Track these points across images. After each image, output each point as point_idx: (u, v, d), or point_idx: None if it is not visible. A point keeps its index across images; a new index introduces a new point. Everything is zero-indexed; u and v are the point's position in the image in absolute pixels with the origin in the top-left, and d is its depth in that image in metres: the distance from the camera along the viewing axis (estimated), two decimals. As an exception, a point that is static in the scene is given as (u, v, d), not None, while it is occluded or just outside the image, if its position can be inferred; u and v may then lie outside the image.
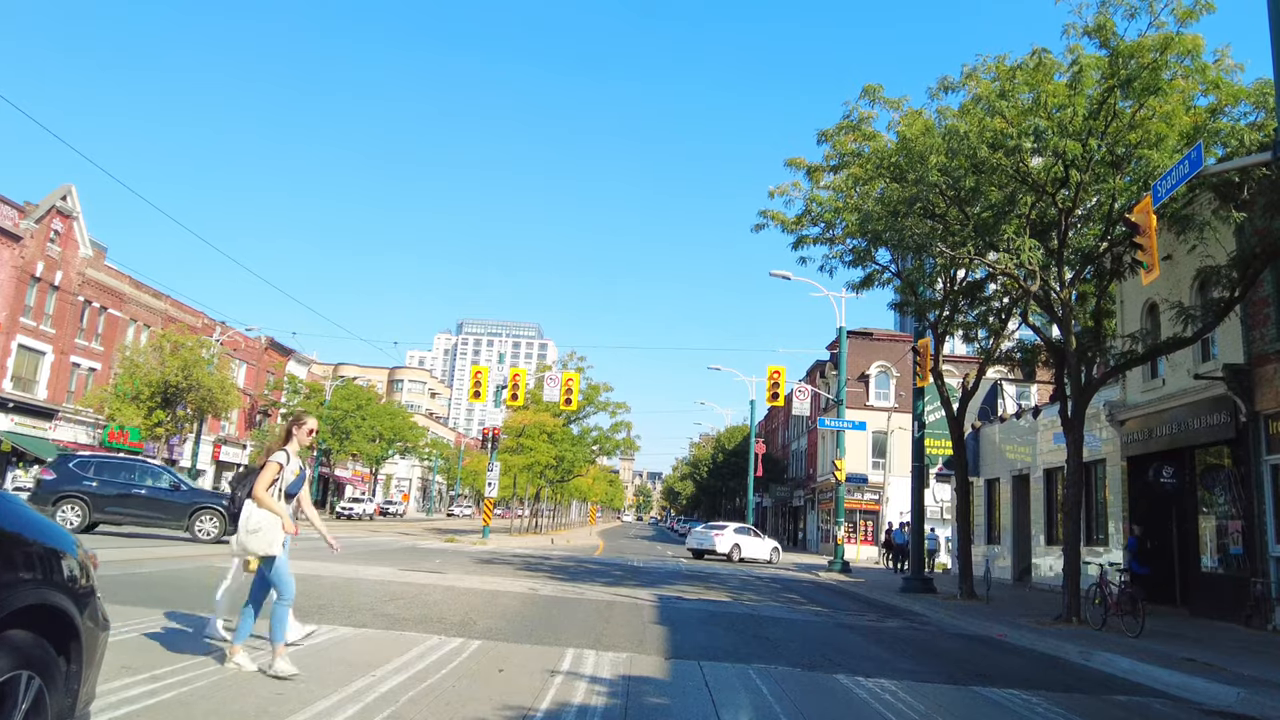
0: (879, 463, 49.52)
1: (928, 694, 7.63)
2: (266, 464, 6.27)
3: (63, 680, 3.10)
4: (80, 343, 42.16)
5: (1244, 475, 15.52)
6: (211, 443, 52.32)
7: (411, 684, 6.23)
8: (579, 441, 46.92)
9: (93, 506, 18.82)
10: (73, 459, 20.32)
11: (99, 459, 20.99)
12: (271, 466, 6.25)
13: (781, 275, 29.30)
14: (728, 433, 78.70)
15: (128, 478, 19.69)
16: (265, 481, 6.21)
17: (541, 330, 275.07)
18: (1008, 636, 13.18)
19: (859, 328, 49.79)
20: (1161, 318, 17.77)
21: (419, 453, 74.49)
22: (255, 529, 6.09)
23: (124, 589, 9.75)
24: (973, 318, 21.21)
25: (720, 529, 36.20)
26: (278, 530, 6.13)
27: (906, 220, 16.34)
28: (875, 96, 17.30)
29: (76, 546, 3.34)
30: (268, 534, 6.09)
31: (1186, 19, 12.70)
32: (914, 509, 22.83)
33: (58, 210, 39.74)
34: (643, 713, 6.07)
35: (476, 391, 32.54)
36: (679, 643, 9.65)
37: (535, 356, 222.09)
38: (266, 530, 6.09)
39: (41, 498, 18.55)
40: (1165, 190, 11.47)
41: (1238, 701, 8.22)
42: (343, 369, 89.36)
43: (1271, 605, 14.49)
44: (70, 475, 19.07)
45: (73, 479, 18.98)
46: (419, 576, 15.41)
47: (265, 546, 6.08)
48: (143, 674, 5.70)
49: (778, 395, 31.02)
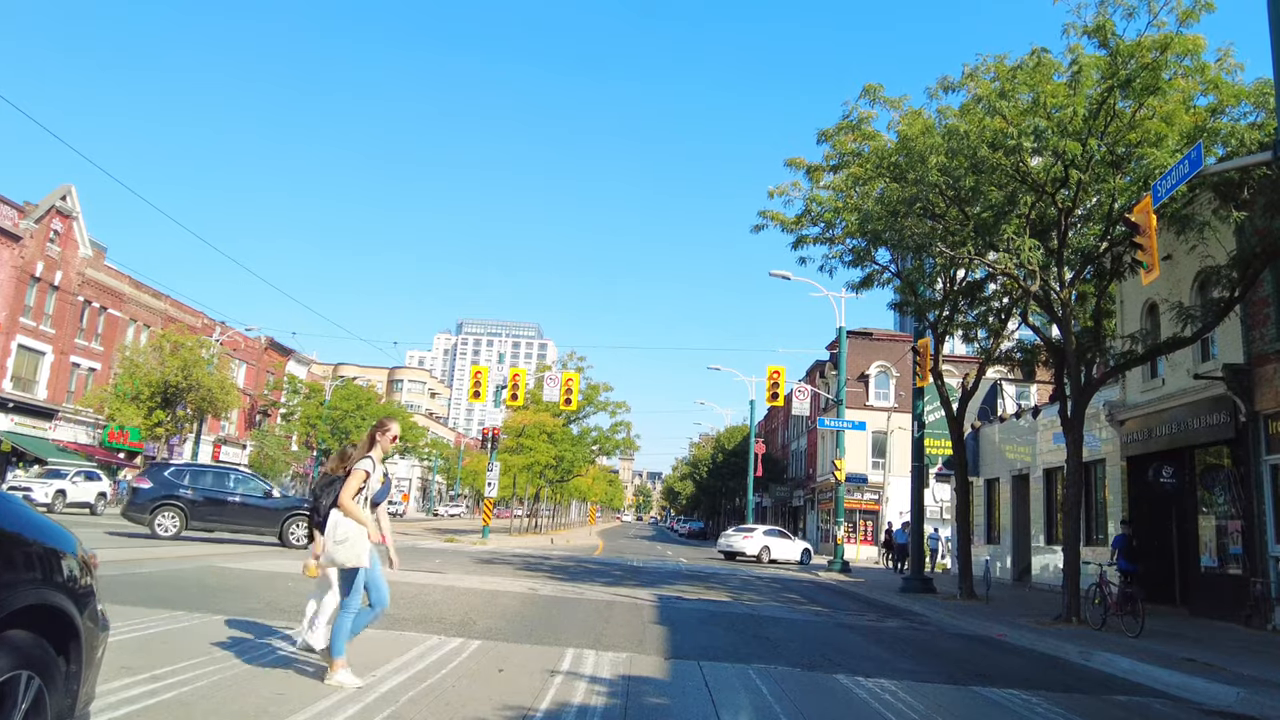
0: (879, 463, 49.52)
1: (927, 694, 7.63)
2: (352, 471, 5.99)
3: (62, 680, 3.10)
4: (80, 343, 42.15)
5: (1243, 475, 15.52)
6: (211, 443, 52.30)
7: (411, 684, 6.23)
8: (579, 441, 46.93)
9: (189, 514, 19.36)
10: (167, 467, 20.89)
11: (193, 467, 21.67)
12: (358, 474, 5.97)
13: (781, 275, 29.30)
14: (727, 433, 78.65)
15: (221, 485, 20.33)
16: (351, 490, 5.93)
17: (541, 330, 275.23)
18: (1007, 636, 13.18)
19: (859, 328, 49.80)
20: (1161, 318, 17.77)
21: (419, 453, 74.48)
22: (342, 540, 5.84)
23: (124, 589, 9.75)
24: (972, 318, 21.21)
25: (749, 531, 36.62)
26: (364, 540, 5.88)
27: (906, 220, 16.34)
28: (875, 96, 17.29)
29: (76, 546, 3.34)
30: (355, 545, 5.84)
31: (1186, 19, 12.69)
32: (914, 509, 22.83)
33: (57, 210, 39.74)
34: (642, 713, 6.08)
35: (476, 391, 32.55)
36: (679, 643, 9.65)
37: (535, 356, 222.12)
38: (354, 541, 5.84)
39: (140, 506, 19.11)
40: (1165, 190, 11.47)
41: (1237, 701, 8.22)
42: (342, 369, 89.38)
43: (1271, 605, 14.49)
44: (167, 483, 19.57)
45: (170, 487, 19.49)
46: (419, 576, 15.41)
47: (353, 558, 5.84)
48: (142, 674, 5.70)
49: (777, 395, 31.03)
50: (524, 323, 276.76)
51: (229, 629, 7.95)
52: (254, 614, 9.03)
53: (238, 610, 9.17)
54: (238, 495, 20.22)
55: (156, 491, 19.32)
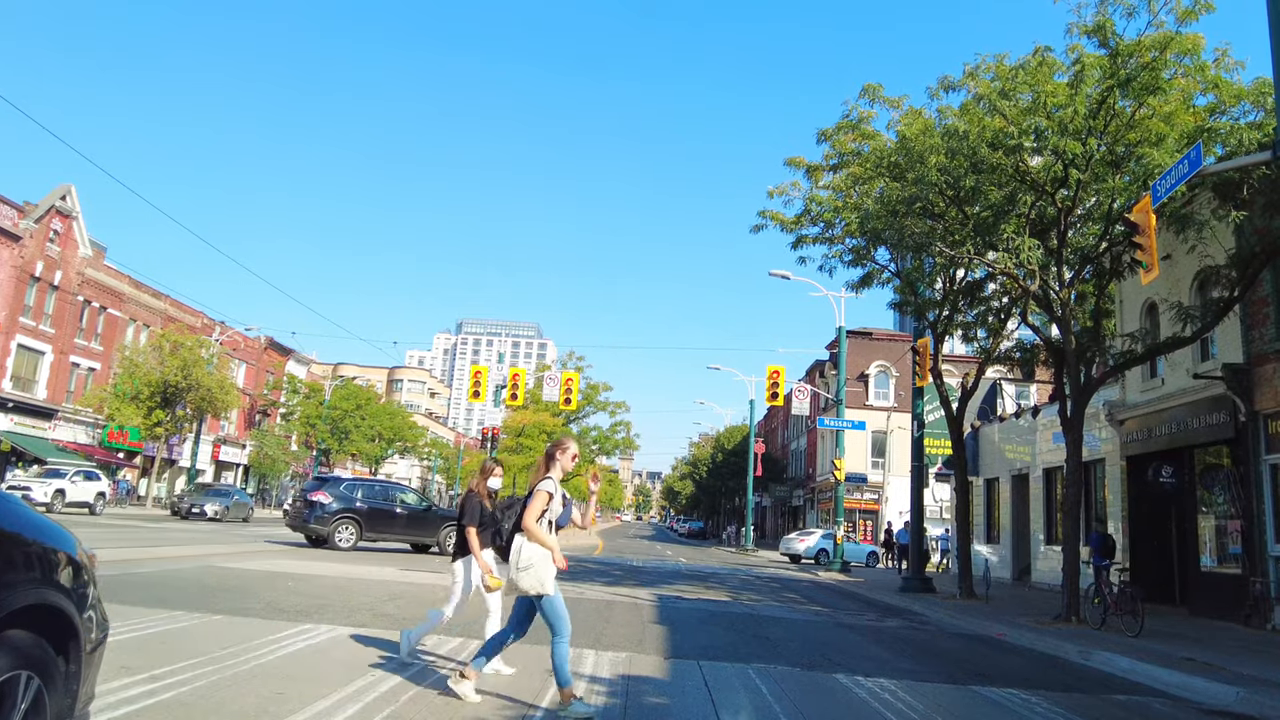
0: (878, 462, 49.53)
1: (927, 693, 7.63)
2: (535, 493, 5.72)
3: (62, 680, 3.09)
4: (80, 342, 42.13)
5: (1243, 475, 15.52)
6: (211, 443, 52.29)
7: (411, 683, 6.23)
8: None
9: (365, 525, 20.98)
10: (342, 482, 22.42)
11: (362, 482, 23.37)
12: (541, 496, 5.68)
13: (781, 275, 29.30)
14: (727, 432, 78.64)
15: (387, 498, 22.15)
16: (535, 512, 5.64)
17: (541, 330, 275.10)
18: (1007, 636, 13.18)
19: (858, 327, 49.79)
20: (1161, 317, 17.77)
21: (418, 452, 74.54)
22: (527, 566, 5.56)
23: (123, 589, 9.74)
24: (972, 317, 21.21)
25: (808, 534, 39.08)
26: (549, 566, 5.61)
27: (906, 220, 16.33)
28: (875, 96, 17.29)
29: (76, 546, 3.34)
30: (540, 570, 5.57)
31: (1186, 19, 12.69)
32: (913, 508, 22.83)
33: (57, 210, 39.72)
34: (642, 712, 6.08)
35: (476, 391, 32.54)
36: (678, 642, 9.65)
37: (535, 356, 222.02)
38: (539, 567, 5.57)
39: (322, 519, 20.57)
40: (1165, 189, 11.46)
41: (1237, 701, 8.22)
42: (342, 369, 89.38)
43: (1271, 604, 14.49)
44: (344, 497, 21.20)
45: (348, 501, 21.13)
46: (419, 576, 15.40)
47: (538, 585, 5.58)
48: (141, 674, 5.70)
49: (777, 395, 31.02)
50: (523, 322, 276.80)
51: (228, 629, 7.95)
52: (253, 614, 9.03)
53: (237, 610, 9.17)
54: (401, 507, 22.02)
55: (336, 506, 20.81)
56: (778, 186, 19.54)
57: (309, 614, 9.36)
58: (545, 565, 5.59)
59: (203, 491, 36.90)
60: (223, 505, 34.42)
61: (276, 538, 22.83)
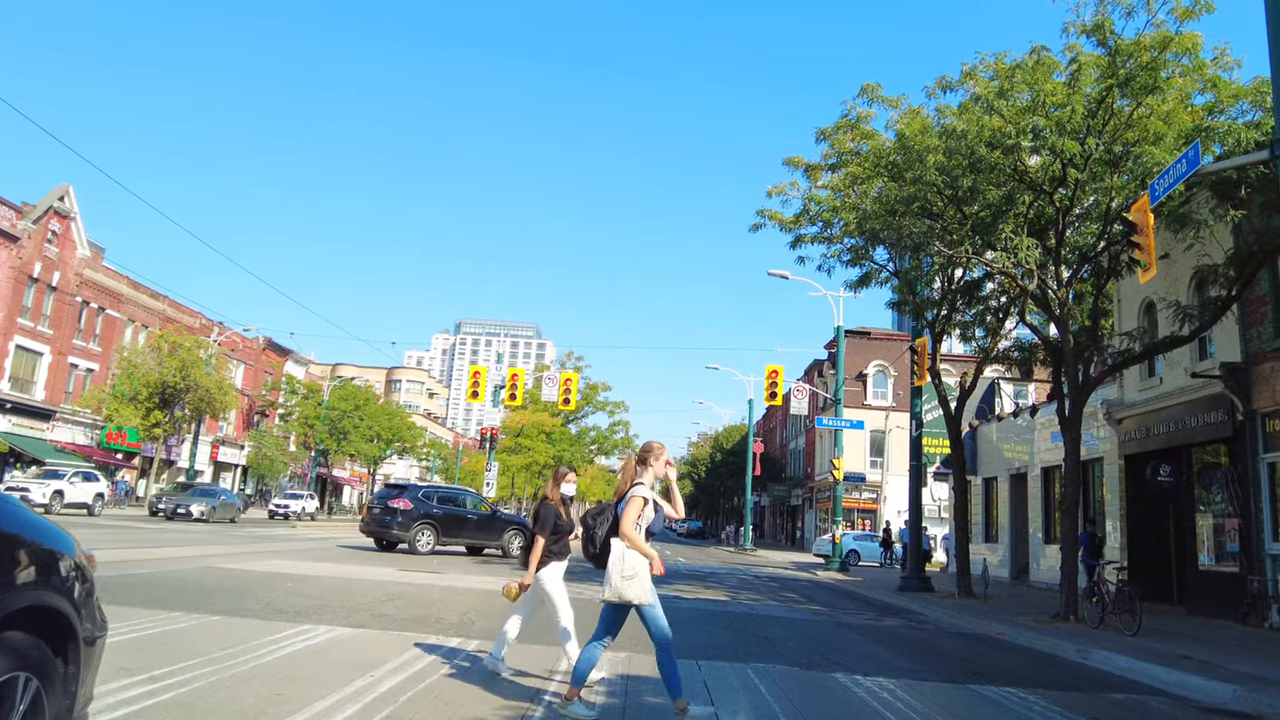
0: (877, 461, 49.56)
1: (926, 692, 7.63)
2: (630, 499, 5.61)
3: (60, 682, 3.09)
4: (78, 343, 42.09)
5: (1241, 473, 15.54)
6: (209, 443, 52.23)
7: (410, 684, 6.23)
8: (577, 441, 46.99)
9: (441, 530, 22.26)
10: (419, 489, 23.65)
11: (436, 490, 24.55)
12: (636, 502, 5.59)
13: (779, 274, 29.31)
14: (726, 432, 78.68)
15: (457, 504, 23.43)
16: (632, 519, 5.54)
17: (540, 330, 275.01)
18: (1005, 635, 13.19)
19: (857, 327, 49.81)
20: (1159, 316, 17.79)
21: (417, 453, 74.40)
22: (631, 575, 5.47)
23: (122, 590, 9.73)
24: (970, 317, 21.21)
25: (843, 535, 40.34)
26: (648, 573, 5.53)
27: (904, 219, 16.33)
28: (874, 95, 17.29)
29: (74, 547, 3.33)
30: (643, 579, 5.48)
31: (1185, 18, 12.70)
32: (912, 508, 22.83)
33: (55, 210, 39.67)
34: (641, 712, 6.08)
35: (474, 391, 32.53)
36: (677, 642, 9.56)
37: (533, 356, 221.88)
38: (642, 576, 5.48)
39: (404, 525, 21.71)
40: (1163, 189, 11.47)
41: (1234, 699, 8.23)
42: (341, 369, 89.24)
43: (1268, 603, 14.51)
44: (422, 504, 22.38)
45: (425, 507, 22.31)
46: (417, 576, 15.40)
47: (643, 594, 5.52)
48: (140, 675, 5.69)
49: (776, 395, 31.04)
50: (522, 322, 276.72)
51: (227, 630, 7.95)
52: (252, 615, 9.02)
53: (235, 611, 9.16)
54: (472, 513, 23.30)
55: (416, 512, 21.90)
56: (776, 186, 19.56)
57: (308, 615, 9.36)
58: (646, 574, 5.53)
59: (187, 491, 34.78)
60: (209, 505, 32.95)
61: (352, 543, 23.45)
